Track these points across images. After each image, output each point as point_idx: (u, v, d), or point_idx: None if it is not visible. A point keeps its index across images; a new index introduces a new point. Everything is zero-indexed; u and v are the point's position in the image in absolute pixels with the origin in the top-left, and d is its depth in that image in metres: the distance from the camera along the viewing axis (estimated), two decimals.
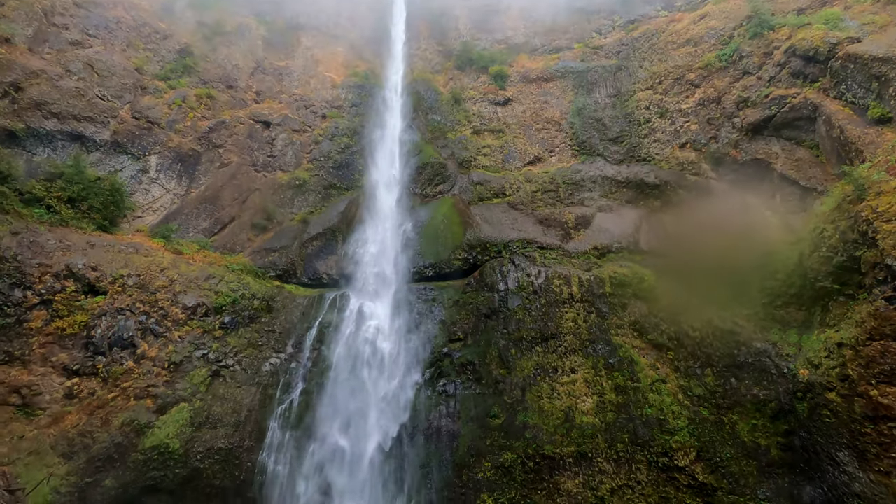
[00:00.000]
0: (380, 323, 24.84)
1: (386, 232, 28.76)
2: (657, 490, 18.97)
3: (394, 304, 25.59)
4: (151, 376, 20.64)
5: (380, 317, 25.09)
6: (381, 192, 30.54)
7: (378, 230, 28.88)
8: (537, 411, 20.90)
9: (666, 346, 21.11)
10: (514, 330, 23.06)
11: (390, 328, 24.72)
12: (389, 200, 30.26)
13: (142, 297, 22.07)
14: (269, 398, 21.97)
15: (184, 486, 19.48)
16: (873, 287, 16.48)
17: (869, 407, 15.75)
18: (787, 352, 19.08)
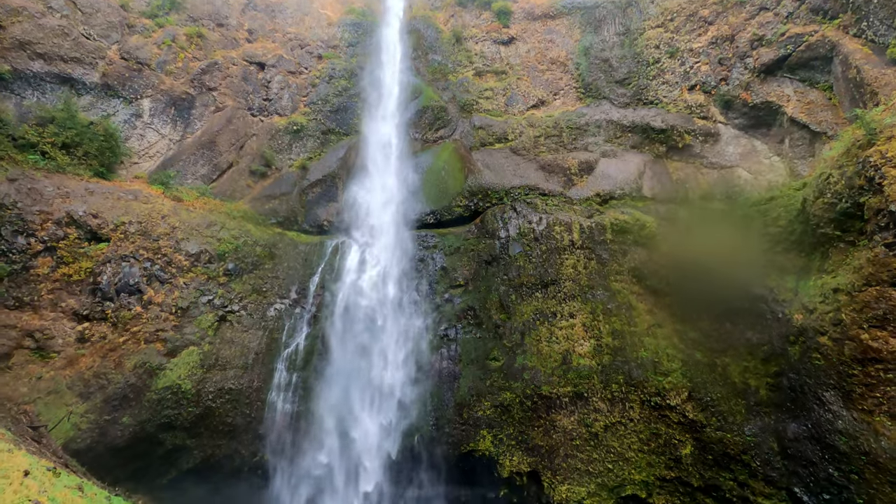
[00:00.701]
0: (381, 270, 25.11)
1: (386, 179, 28.45)
2: (648, 427, 19.92)
3: (395, 251, 25.76)
4: (160, 321, 21.16)
5: (381, 264, 25.33)
6: (380, 138, 29.93)
7: (378, 177, 28.56)
8: (536, 354, 21.55)
9: (664, 291, 21.42)
10: (514, 276, 23.33)
11: (391, 275, 25.01)
12: (389, 146, 29.70)
13: (145, 244, 22.20)
14: (276, 342, 22.64)
15: (197, 424, 20.50)
16: (874, 234, 16.48)
17: (858, 350, 16.19)
18: (784, 297, 19.37)
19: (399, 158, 29.22)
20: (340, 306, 23.81)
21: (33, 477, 10.09)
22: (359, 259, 25.19)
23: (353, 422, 21.86)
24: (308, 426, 21.42)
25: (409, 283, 24.77)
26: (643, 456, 19.81)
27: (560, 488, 19.79)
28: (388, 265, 25.29)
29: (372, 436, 21.74)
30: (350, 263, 25.01)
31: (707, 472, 18.96)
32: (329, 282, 24.42)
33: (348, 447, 21.48)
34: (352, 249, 25.60)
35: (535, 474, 20.42)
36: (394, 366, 22.87)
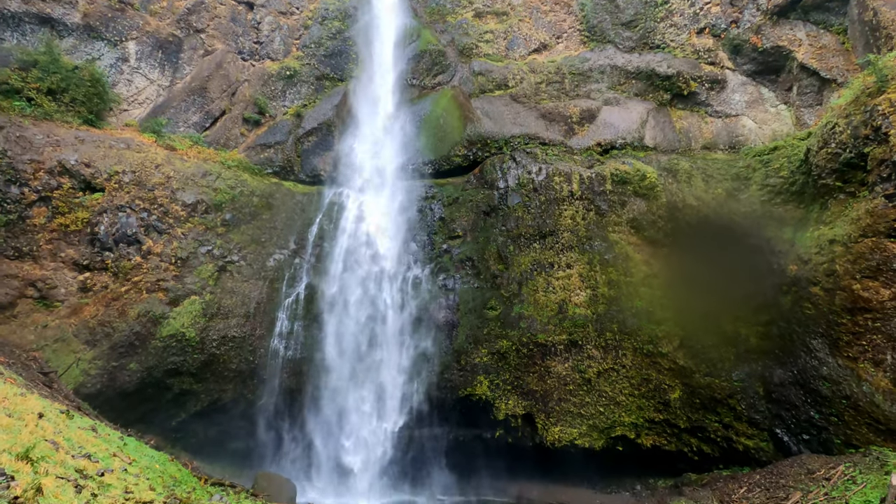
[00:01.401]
0: (379, 220, 25.05)
1: (383, 127, 27.82)
2: (640, 373, 20.62)
3: (393, 202, 25.60)
4: (160, 271, 21.32)
5: (379, 214, 25.24)
6: (376, 84, 28.98)
7: (375, 125, 27.91)
8: (532, 304, 21.95)
9: (661, 242, 21.53)
10: (512, 227, 23.34)
11: (390, 225, 24.99)
12: (385, 93, 28.82)
13: (140, 194, 21.99)
14: (276, 291, 22.94)
15: (203, 370, 21.14)
16: (876, 184, 16.39)
17: (849, 300, 16.52)
18: (780, 248, 19.51)
19: (396, 106, 28.44)
20: (339, 257, 23.95)
21: (47, 419, 10.51)
22: (357, 209, 25.08)
23: (353, 368, 22.54)
24: (310, 372, 22.10)
25: (407, 233, 24.79)
26: (633, 400, 20.63)
27: (553, 429, 20.75)
28: (386, 216, 25.21)
29: (372, 381, 22.48)
30: (348, 214, 24.92)
31: (694, 415, 19.84)
32: (328, 232, 24.43)
33: (348, 393, 22.26)
34: (349, 200, 25.43)
35: (530, 417, 21.35)
36: (394, 315, 23.30)
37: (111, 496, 7.29)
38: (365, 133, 27.64)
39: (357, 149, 27.16)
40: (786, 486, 15.60)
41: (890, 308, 15.60)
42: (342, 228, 24.54)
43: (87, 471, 8.17)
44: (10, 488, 5.92)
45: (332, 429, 21.90)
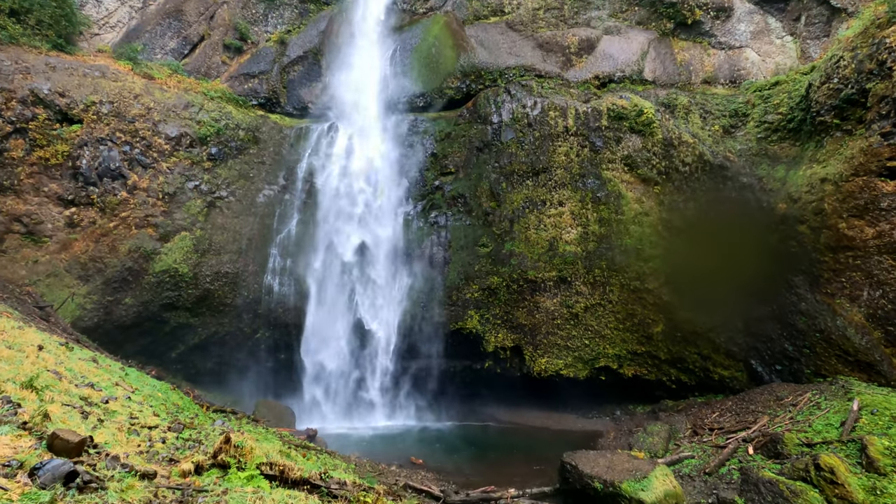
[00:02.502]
0: (370, 156, 24.53)
1: (372, 56, 26.51)
2: (625, 308, 21.27)
3: (383, 137, 24.95)
4: (148, 207, 21.02)
5: (369, 149, 24.66)
6: (364, 9, 27.26)
7: (364, 54, 26.57)
8: (524, 241, 22.13)
9: (654, 180, 21.43)
10: (506, 164, 23.01)
11: (380, 161, 24.51)
12: (374, 19, 27.19)
13: (121, 127, 21.18)
14: (268, 228, 22.84)
15: (199, 304, 21.46)
16: (874, 122, 16.18)
17: (833, 238, 16.84)
18: (771, 187, 19.55)
19: (385, 33, 26.94)
20: (330, 193, 23.67)
21: (48, 351, 10.75)
22: (346, 144, 24.46)
23: (346, 303, 22.99)
24: (304, 307, 22.53)
25: (398, 169, 24.39)
26: (618, 333, 21.45)
27: (540, 360, 21.68)
28: (377, 151, 24.66)
29: (364, 316, 23.03)
30: (338, 149, 24.33)
31: (674, 347, 20.75)
32: (317, 168, 23.95)
33: (340, 327, 22.86)
34: (339, 134, 24.71)
35: (518, 349, 22.21)
36: (385, 251, 23.46)
37: (117, 421, 7.62)
38: (353, 62, 26.36)
39: (345, 80, 26.03)
40: (755, 411, 16.68)
41: (872, 247, 15.96)
42: (332, 164, 24.05)
43: (91, 399, 8.48)
44: (18, 414, 6.17)
45: (325, 360, 22.68)
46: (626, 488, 10.47)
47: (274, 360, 23.08)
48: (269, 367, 23.06)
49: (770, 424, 15.18)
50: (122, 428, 7.34)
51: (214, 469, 6.08)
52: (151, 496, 4.98)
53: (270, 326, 22.45)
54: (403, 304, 22.99)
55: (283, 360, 22.93)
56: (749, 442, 14.23)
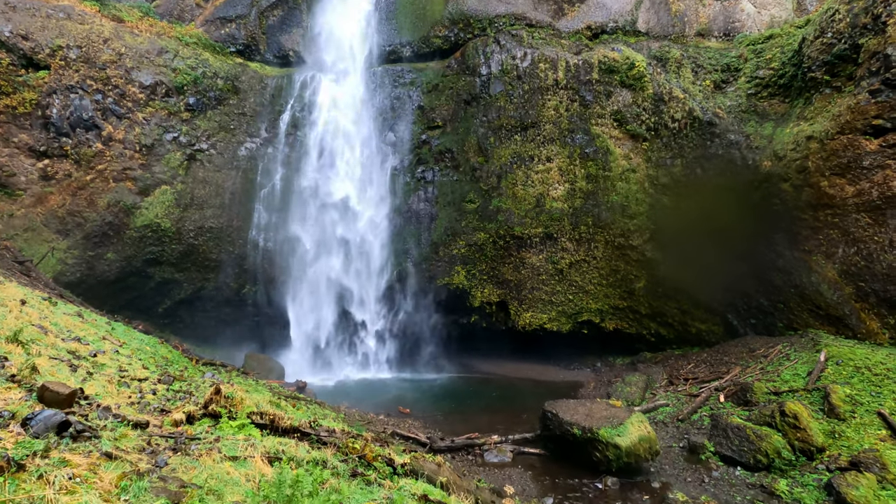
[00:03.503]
0: (355, 108, 23.83)
1: (356, 1, 25.20)
2: (609, 264, 21.64)
3: (369, 88, 24.16)
4: (125, 159, 20.37)
5: (355, 101, 23.92)
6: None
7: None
8: (511, 197, 22.08)
9: (643, 136, 21.29)
10: (494, 118, 22.58)
11: (365, 114, 23.85)
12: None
13: (91, 73, 20.15)
14: (251, 182, 22.39)
15: (183, 259, 21.28)
16: (863, 79, 16.09)
17: (814, 196, 17.10)
18: (758, 144, 19.57)
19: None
20: (314, 147, 23.12)
21: (31, 305, 10.67)
22: (330, 96, 23.66)
23: (332, 259, 22.99)
24: (291, 262, 22.49)
25: (384, 122, 23.81)
26: (601, 289, 21.92)
27: (525, 315, 22.17)
28: (363, 103, 23.95)
29: (350, 271, 23.12)
30: (321, 100, 23.55)
31: (655, 302, 21.33)
32: (301, 121, 23.26)
33: (327, 282, 22.95)
34: (322, 85, 23.85)
35: (503, 304, 22.64)
36: (372, 207, 23.26)
37: (106, 374, 7.70)
38: (336, 7, 25.09)
39: (327, 26, 24.85)
40: (728, 362, 17.45)
41: (850, 205, 16.27)
42: (316, 116, 23.35)
43: (79, 352, 8.52)
44: (6, 367, 6.19)
45: (313, 315, 22.90)
46: (602, 434, 11.03)
47: (262, 315, 23.24)
48: (257, 321, 23.25)
49: (742, 374, 15.94)
50: (111, 380, 7.43)
51: (206, 419, 6.24)
52: (145, 444, 5.12)
53: (257, 282, 22.45)
54: (390, 259, 23.07)
55: (272, 315, 23.10)
56: (721, 391, 14.97)
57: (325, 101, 23.53)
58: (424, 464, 6.31)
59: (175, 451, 5.12)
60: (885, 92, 15.34)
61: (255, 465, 4.95)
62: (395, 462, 6.29)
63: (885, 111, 15.35)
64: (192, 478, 4.40)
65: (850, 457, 10.20)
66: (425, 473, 6.06)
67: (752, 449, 11.16)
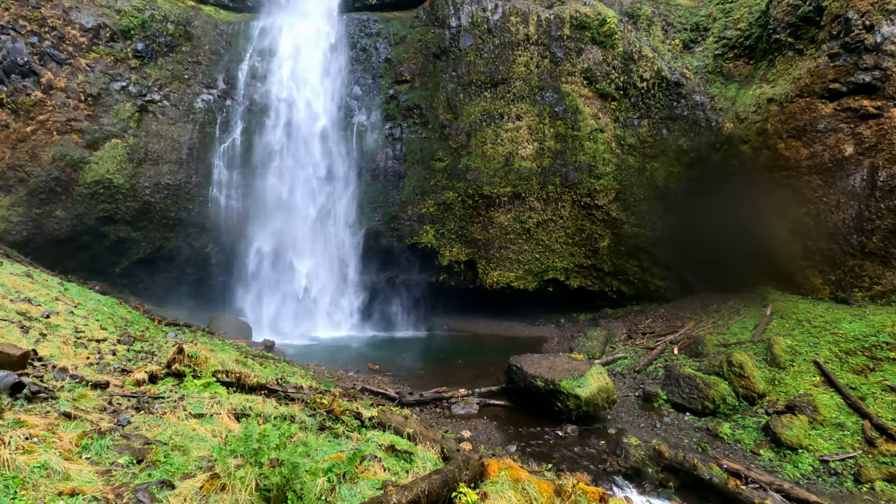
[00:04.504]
0: (319, 59, 22.74)
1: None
2: (575, 223, 22.04)
3: (333, 37, 23.01)
4: (69, 109, 18.97)
5: (318, 52, 22.80)
6: None
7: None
8: (480, 156, 21.91)
9: (612, 95, 21.28)
10: (463, 73, 22.03)
11: (331, 65, 22.83)
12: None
13: (23, 13, 18.36)
14: (209, 137, 21.34)
15: (139, 218, 20.38)
16: (824, 42, 16.42)
17: (771, 158, 17.69)
18: (721, 105, 19.91)
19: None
20: (276, 99, 22.09)
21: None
22: (292, 45, 22.45)
23: (299, 217, 22.50)
24: (256, 220, 21.89)
25: (350, 75, 22.88)
26: (567, 248, 22.39)
27: (492, 274, 22.52)
28: (327, 54, 22.86)
29: (317, 230, 22.73)
30: (283, 50, 22.34)
31: (618, 261, 22.01)
32: (261, 71, 22.07)
33: (294, 241, 22.55)
34: (283, 33, 22.55)
35: (472, 263, 22.89)
36: (338, 164, 22.67)
37: (61, 335, 7.45)
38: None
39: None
40: (683, 316, 18.38)
41: (804, 167, 16.94)
42: (277, 66, 22.19)
43: (30, 313, 8.18)
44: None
45: (280, 274, 22.59)
46: (564, 385, 11.55)
47: (228, 275, 22.73)
48: (222, 281, 22.74)
49: (695, 328, 16.85)
50: (67, 342, 7.20)
51: (169, 378, 6.17)
52: (106, 404, 5.05)
53: (221, 241, 21.82)
54: (358, 218, 22.77)
55: (238, 275, 22.63)
56: (675, 344, 15.83)
57: (286, 51, 22.34)
58: (392, 416, 6.49)
59: (138, 410, 5.08)
60: (843, 56, 15.72)
61: (221, 422, 4.97)
62: (363, 416, 6.44)
63: (842, 75, 15.79)
64: (156, 435, 4.40)
65: (787, 401, 11.09)
66: (393, 426, 6.24)
67: (701, 396, 11.96)
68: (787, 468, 9.39)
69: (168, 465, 3.85)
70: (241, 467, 3.43)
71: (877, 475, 8.71)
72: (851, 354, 12.05)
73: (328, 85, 22.71)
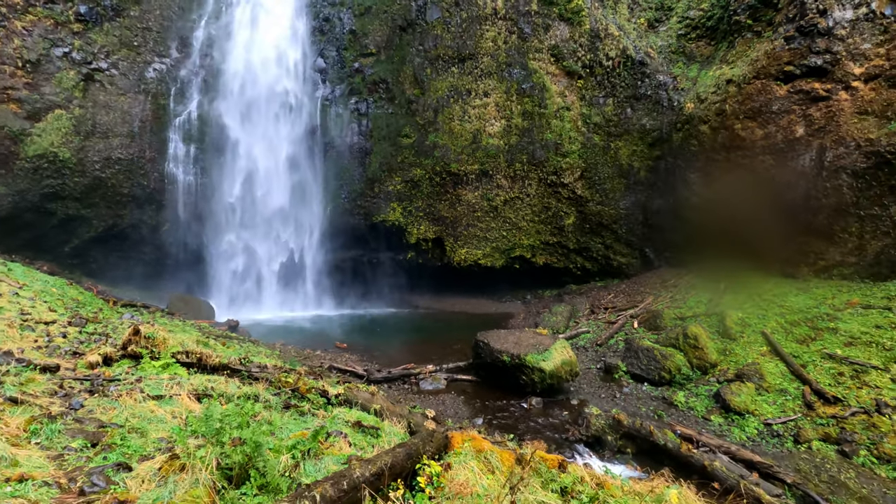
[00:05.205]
0: (279, 28, 21.79)
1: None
2: (542, 201, 22.29)
3: (294, 5, 22.06)
4: (6, 77, 17.60)
5: (279, 20, 21.84)
6: None
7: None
8: (447, 133, 21.72)
9: (578, 73, 21.35)
10: (430, 47, 21.60)
11: (291, 35, 21.94)
12: None
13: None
14: (163, 109, 20.28)
15: (90, 194, 19.34)
16: (780, 25, 16.88)
17: (728, 138, 18.26)
18: (683, 86, 20.31)
19: None
20: (234, 71, 21.13)
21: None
22: (250, 12, 21.41)
23: (261, 193, 21.86)
24: (216, 197, 21.15)
25: (312, 46, 22.07)
26: (533, 225, 22.68)
27: (460, 251, 22.63)
28: (287, 22, 21.93)
29: (282, 208, 22.18)
30: (240, 17, 21.28)
31: (583, 238, 22.48)
32: (217, 40, 21.00)
33: (259, 216, 21.95)
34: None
35: (439, 240, 22.90)
36: (302, 139, 22.02)
37: (5, 318, 7.07)
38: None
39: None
40: (643, 292, 19.03)
41: (759, 147, 17.57)
42: (234, 35, 21.17)
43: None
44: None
45: (243, 253, 22.03)
46: (529, 360, 11.85)
47: (187, 254, 21.96)
48: (181, 260, 21.97)
49: (654, 303, 17.50)
50: (12, 324, 6.84)
51: (125, 360, 5.97)
52: (56, 387, 4.85)
53: (179, 218, 21.00)
54: (324, 195, 22.32)
55: (198, 254, 21.92)
56: (636, 318, 16.42)
57: (244, 19, 21.31)
58: (358, 393, 6.51)
59: (92, 394, 4.90)
60: (798, 39, 16.23)
61: (181, 403, 4.86)
62: (329, 393, 6.43)
63: (797, 58, 16.32)
64: (111, 418, 4.27)
65: (737, 370, 11.74)
66: (359, 402, 6.26)
67: (658, 367, 12.52)
68: (734, 432, 9.99)
69: (125, 448, 3.75)
70: (202, 447, 3.37)
71: (814, 436, 9.40)
72: (796, 325, 12.82)
73: (290, 56, 21.86)
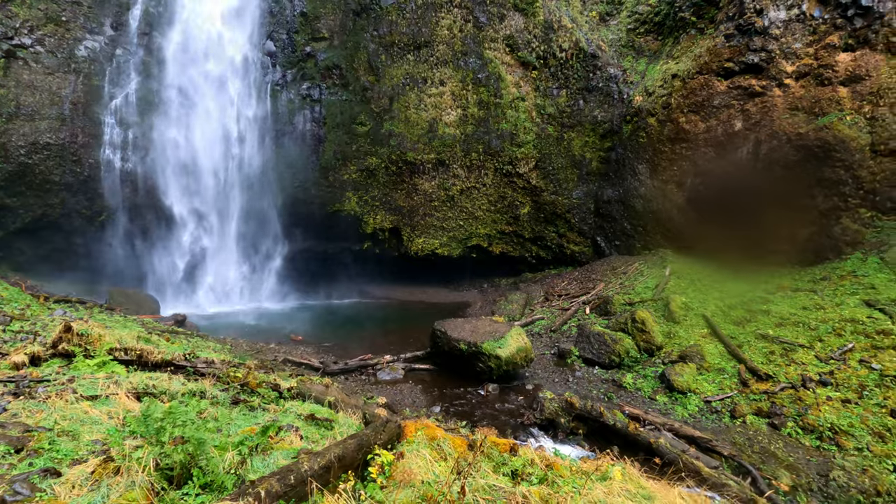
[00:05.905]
0: (223, 8, 20.75)
1: None
2: (498, 191, 22.52)
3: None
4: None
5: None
6: None
7: None
8: (403, 121, 21.48)
9: (533, 64, 21.59)
10: (385, 33, 21.20)
11: (238, 16, 20.95)
12: None
13: None
14: (96, 90, 18.92)
15: (15, 182, 17.87)
16: (721, 23, 17.68)
17: (674, 131, 19.05)
18: (633, 79, 20.96)
19: None
20: (176, 53, 19.98)
21: None
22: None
23: (208, 183, 20.92)
24: (158, 186, 20.04)
25: (261, 29, 21.17)
26: (490, 215, 22.90)
27: (417, 241, 22.56)
28: (234, 2, 20.90)
29: (230, 198, 21.33)
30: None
31: (537, 227, 22.92)
32: (156, 18, 19.75)
33: (206, 206, 21.02)
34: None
35: (396, 230, 22.73)
36: (251, 125, 21.17)
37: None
38: None
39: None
40: (594, 279, 19.66)
41: (701, 139, 18.43)
42: (176, 13, 19.98)
43: None
44: None
45: (190, 244, 21.06)
46: (486, 347, 12.02)
47: (129, 246, 20.76)
48: (122, 252, 20.74)
49: (605, 289, 18.12)
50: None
51: (56, 359, 5.58)
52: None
53: (117, 208, 19.77)
54: (275, 184, 21.60)
55: (140, 245, 20.76)
56: (588, 304, 16.95)
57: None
58: (312, 386, 6.39)
59: (16, 396, 4.55)
60: (737, 37, 17.06)
61: (119, 402, 4.60)
62: (281, 387, 6.27)
63: (736, 55, 17.17)
64: (39, 421, 3.98)
65: (680, 352, 12.37)
66: (313, 395, 6.14)
67: (608, 351, 13.00)
68: (678, 410, 10.55)
69: (54, 453, 3.51)
70: (140, 448, 3.21)
71: (748, 410, 10.06)
72: (733, 308, 13.63)
73: (235, 37, 20.89)
